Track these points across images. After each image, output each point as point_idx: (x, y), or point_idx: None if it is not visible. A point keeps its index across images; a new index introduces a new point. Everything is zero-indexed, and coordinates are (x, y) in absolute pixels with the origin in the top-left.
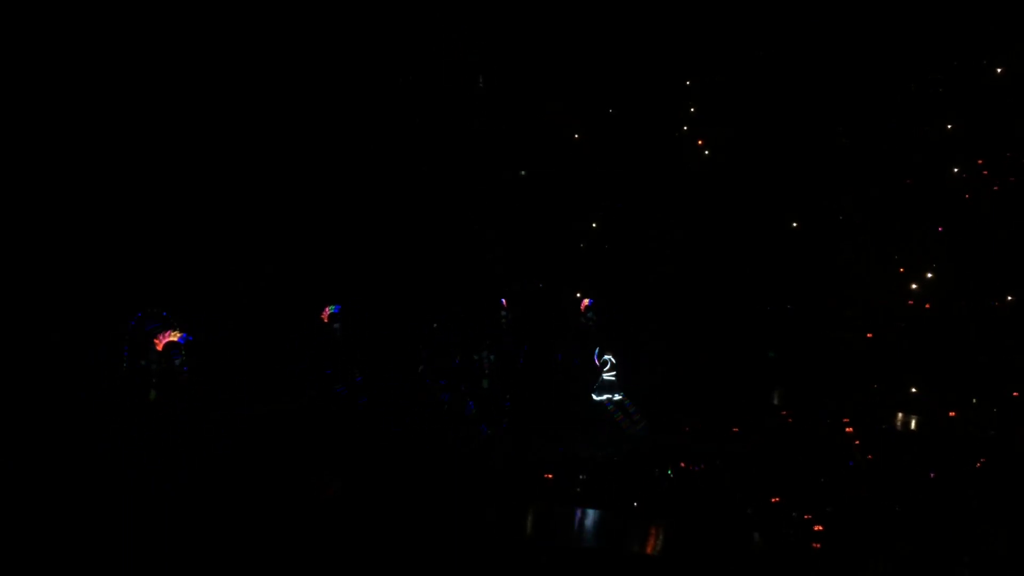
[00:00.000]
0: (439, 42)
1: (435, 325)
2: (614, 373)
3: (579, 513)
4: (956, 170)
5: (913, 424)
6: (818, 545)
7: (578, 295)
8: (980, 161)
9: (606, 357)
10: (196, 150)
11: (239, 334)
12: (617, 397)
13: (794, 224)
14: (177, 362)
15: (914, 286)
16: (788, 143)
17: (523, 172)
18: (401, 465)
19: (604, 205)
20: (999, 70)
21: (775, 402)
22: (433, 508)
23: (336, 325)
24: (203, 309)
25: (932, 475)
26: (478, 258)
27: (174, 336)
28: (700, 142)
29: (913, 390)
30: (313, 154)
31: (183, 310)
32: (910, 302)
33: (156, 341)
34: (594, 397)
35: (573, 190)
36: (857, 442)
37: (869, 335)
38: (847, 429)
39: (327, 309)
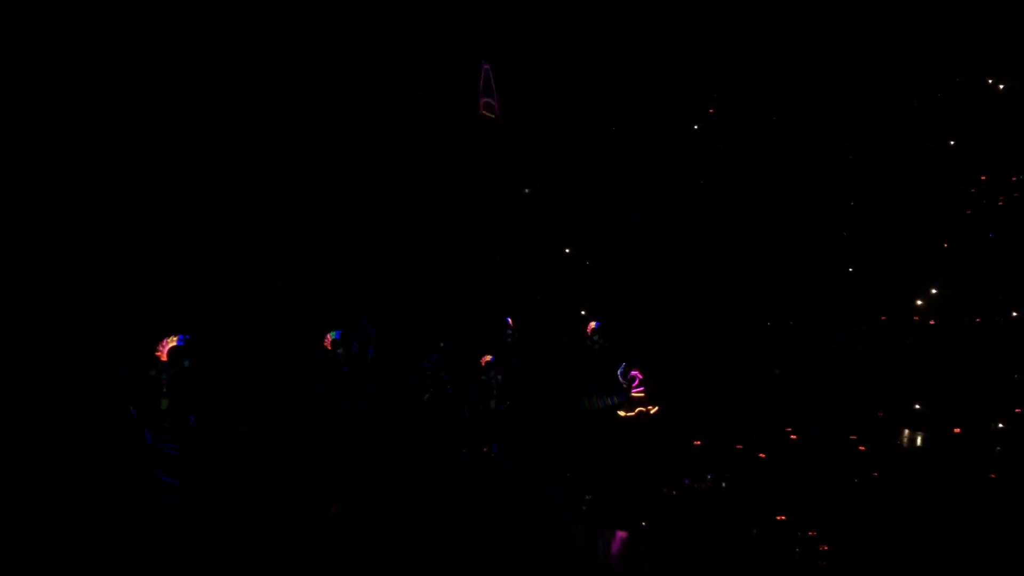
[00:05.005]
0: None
1: (442, 344)
2: (643, 389)
3: (585, 529)
4: (961, 186)
5: (919, 440)
6: (824, 564)
7: (583, 313)
8: (984, 177)
9: (632, 373)
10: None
11: (245, 346)
12: (654, 411)
13: (801, 240)
14: (186, 364)
15: (919, 302)
16: (795, 158)
17: (527, 190)
18: (410, 479)
19: (609, 219)
20: (1002, 87)
21: (780, 419)
22: (441, 522)
23: (340, 350)
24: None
25: (940, 492)
26: (485, 275)
27: (172, 341)
28: (705, 157)
29: (917, 407)
30: (322, 167)
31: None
32: (915, 318)
33: (158, 353)
34: (621, 414)
35: (582, 202)
36: (865, 455)
37: (874, 351)
38: (860, 448)
39: (328, 336)
